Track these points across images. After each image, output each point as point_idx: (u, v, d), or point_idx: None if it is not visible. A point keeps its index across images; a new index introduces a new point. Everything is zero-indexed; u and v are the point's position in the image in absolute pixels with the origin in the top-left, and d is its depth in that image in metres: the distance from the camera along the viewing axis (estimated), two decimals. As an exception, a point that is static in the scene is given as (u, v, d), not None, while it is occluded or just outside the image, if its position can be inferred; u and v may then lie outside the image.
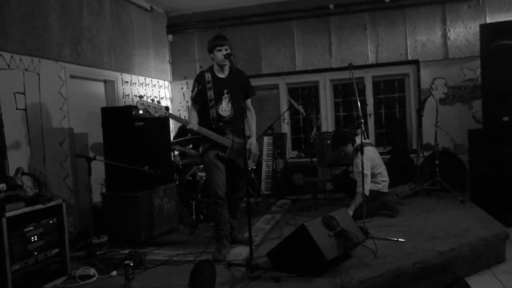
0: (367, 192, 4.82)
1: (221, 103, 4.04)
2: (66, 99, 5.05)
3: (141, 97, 3.81)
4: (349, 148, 5.14)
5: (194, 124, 3.92)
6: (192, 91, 4.09)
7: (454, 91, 6.62)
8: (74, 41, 5.22)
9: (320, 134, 6.20)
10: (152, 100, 3.83)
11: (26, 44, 4.50)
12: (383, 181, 5.10)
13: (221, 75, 4.11)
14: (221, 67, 4.09)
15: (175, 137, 6.21)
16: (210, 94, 4.01)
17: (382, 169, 5.11)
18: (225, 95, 4.04)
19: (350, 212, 4.64)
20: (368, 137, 6.67)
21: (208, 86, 4.00)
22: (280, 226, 4.72)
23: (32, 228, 3.40)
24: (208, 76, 4.05)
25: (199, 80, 4.06)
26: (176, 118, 4.20)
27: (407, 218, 4.90)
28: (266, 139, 6.97)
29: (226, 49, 3.98)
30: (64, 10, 5.08)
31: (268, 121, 7.00)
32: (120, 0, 6.21)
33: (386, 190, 5.12)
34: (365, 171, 4.79)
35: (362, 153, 4.40)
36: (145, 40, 6.86)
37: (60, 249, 3.65)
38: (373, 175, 5.02)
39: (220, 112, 4.04)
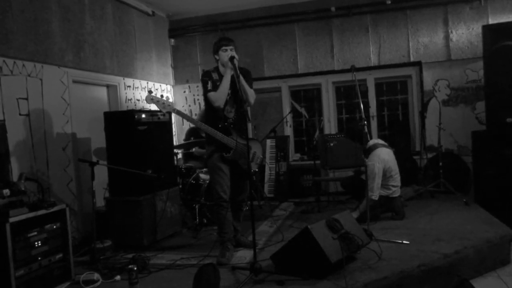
0: (376, 197, 4.79)
1: (226, 105, 4.04)
2: (69, 104, 5.06)
3: (150, 92, 3.81)
4: (357, 145, 5.07)
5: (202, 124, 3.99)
6: (205, 86, 3.98)
7: (457, 92, 6.60)
8: (76, 46, 5.23)
9: (323, 137, 6.15)
10: (161, 95, 3.83)
11: (28, 49, 4.52)
12: (394, 186, 4.95)
13: None
14: (226, 69, 4.07)
15: (185, 140, 6.24)
16: None
17: (395, 173, 4.95)
18: (229, 95, 4.03)
19: (355, 215, 4.62)
20: (371, 139, 6.65)
21: (217, 84, 3.99)
22: (281, 230, 4.70)
23: (35, 233, 3.40)
24: (215, 75, 4.05)
25: (208, 75, 4.04)
26: (184, 115, 4.20)
27: (411, 220, 4.88)
28: (269, 142, 6.97)
29: (231, 49, 3.98)
30: (66, 16, 5.10)
31: (270, 124, 7.00)
32: (122, 5, 6.24)
33: (396, 195, 4.99)
34: (375, 175, 4.76)
35: (366, 157, 4.37)
36: (147, 44, 6.88)
37: (63, 254, 3.65)
38: (384, 179, 4.89)
39: (225, 113, 4.05)
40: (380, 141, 5.20)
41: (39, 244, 3.43)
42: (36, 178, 4.37)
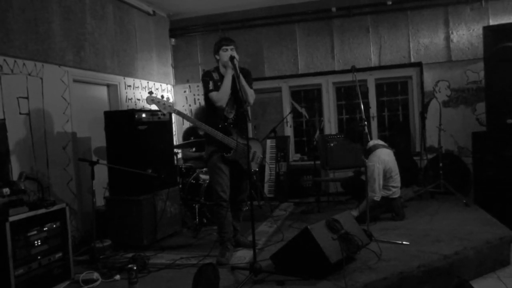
0: (378, 198, 4.79)
1: (227, 105, 4.04)
2: (69, 103, 5.06)
3: (150, 92, 3.82)
4: (358, 146, 5.07)
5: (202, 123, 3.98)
6: (206, 85, 3.98)
7: (458, 93, 6.60)
8: (77, 45, 5.23)
9: (323, 137, 6.15)
10: (162, 96, 3.84)
11: (29, 49, 4.52)
12: (393, 186, 4.94)
13: None
14: (226, 68, 4.07)
15: (184, 140, 6.24)
16: None
17: (395, 174, 4.95)
18: (229, 96, 4.03)
19: (355, 213, 4.62)
20: (371, 139, 6.65)
21: (218, 84, 3.99)
22: (282, 230, 4.70)
23: (35, 232, 3.41)
24: (215, 75, 4.05)
25: (209, 75, 4.04)
26: (184, 116, 4.21)
27: (411, 221, 4.88)
28: (269, 142, 6.97)
29: (231, 49, 3.98)
30: (67, 15, 5.10)
31: (271, 124, 7.00)
32: (123, 5, 6.23)
33: (396, 196, 4.99)
34: (376, 176, 4.76)
35: (366, 157, 4.36)
36: (147, 44, 6.88)
37: (63, 253, 3.65)
38: (385, 179, 4.89)
39: (225, 113, 4.05)
40: (380, 142, 5.19)
41: (39, 243, 3.43)
42: (36, 177, 4.38)
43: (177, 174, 5.34)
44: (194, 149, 6.10)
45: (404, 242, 4.03)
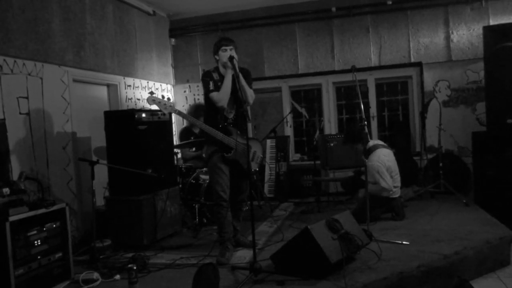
0: (388, 193, 4.83)
1: (227, 105, 4.03)
2: (69, 103, 5.06)
3: (151, 93, 3.82)
4: (360, 147, 5.09)
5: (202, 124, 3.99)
6: (207, 86, 3.97)
7: (458, 93, 6.60)
8: (76, 45, 5.23)
9: (323, 137, 6.17)
10: (163, 96, 3.85)
11: (29, 49, 4.52)
12: (394, 186, 4.93)
13: None
14: (226, 69, 4.07)
15: (181, 141, 6.24)
16: None
17: (395, 174, 4.95)
18: (230, 96, 4.02)
19: (361, 194, 4.69)
20: (371, 139, 6.65)
21: (218, 84, 3.99)
22: (282, 230, 4.69)
23: (35, 232, 3.41)
24: (215, 75, 4.05)
25: (209, 75, 4.04)
26: (185, 116, 4.22)
27: (411, 221, 4.88)
28: (269, 142, 6.97)
29: (231, 49, 3.97)
30: (67, 15, 5.10)
31: (271, 124, 7.00)
32: (123, 5, 6.23)
33: (396, 196, 4.99)
34: (378, 175, 4.77)
35: (366, 157, 4.37)
36: (147, 44, 6.88)
37: (63, 253, 3.65)
38: None
39: (224, 113, 4.05)
40: (380, 142, 5.20)
41: (39, 243, 3.43)
42: (36, 177, 4.38)
43: (177, 174, 5.34)
44: (194, 148, 6.10)
45: (404, 242, 4.03)
